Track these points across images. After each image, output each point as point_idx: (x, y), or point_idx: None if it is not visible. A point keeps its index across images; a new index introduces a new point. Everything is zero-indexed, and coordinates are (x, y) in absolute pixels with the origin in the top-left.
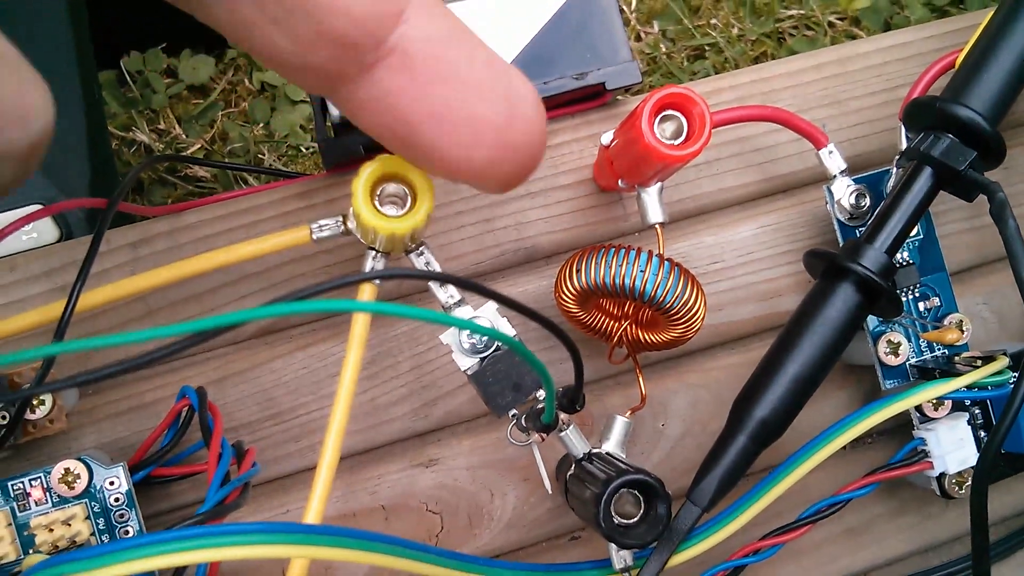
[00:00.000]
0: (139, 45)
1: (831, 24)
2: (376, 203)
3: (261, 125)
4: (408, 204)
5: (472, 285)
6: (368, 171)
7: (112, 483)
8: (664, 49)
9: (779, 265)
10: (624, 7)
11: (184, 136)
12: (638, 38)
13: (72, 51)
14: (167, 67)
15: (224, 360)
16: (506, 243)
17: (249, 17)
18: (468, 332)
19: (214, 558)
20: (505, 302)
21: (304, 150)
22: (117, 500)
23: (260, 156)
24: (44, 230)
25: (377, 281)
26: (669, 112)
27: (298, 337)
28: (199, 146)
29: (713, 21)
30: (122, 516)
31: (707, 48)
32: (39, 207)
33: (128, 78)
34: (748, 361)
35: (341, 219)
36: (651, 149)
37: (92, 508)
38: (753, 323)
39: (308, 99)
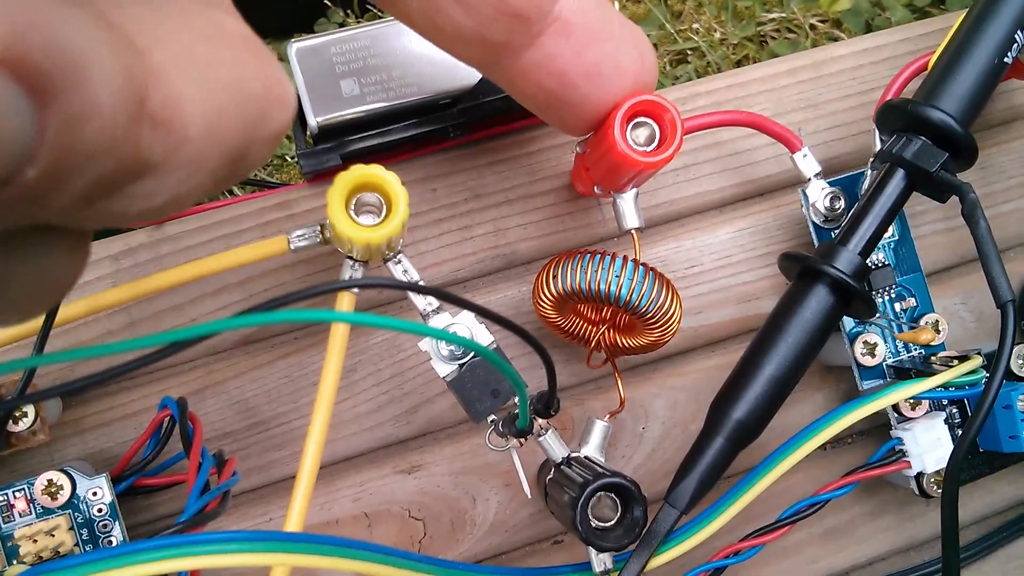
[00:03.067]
0: None
1: (812, 27)
2: (352, 213)
3: None
4: (384, 213)
5: (444, 294)
6: (343, 181)
7: (95, 493)
8: None
9: (756, 268)
10: (613, 6)
11: None
12: None
13: None
14: None
15: (206, 370)
16: (485, 250)
17: (439, 1)
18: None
19: (194, 566)
20: (476, 309)
21: (290, 159)
22: (100, 510)
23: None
24: None
25: (355, 290)
26: (641, 119)
27: (279, 346)
28: None
29: (695, 26)
30: (105, 526)
31: (689, 52)
32: None
33: None
34: (727, 363)
35: (319, 228)
36: (624, 156)
37: (75, 519)
38: (731, 325)
39: None
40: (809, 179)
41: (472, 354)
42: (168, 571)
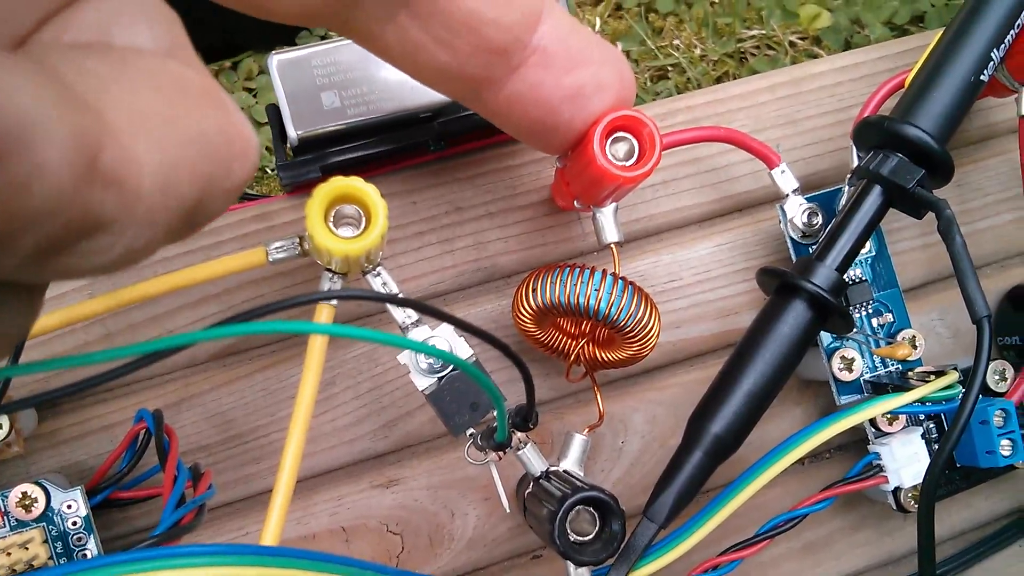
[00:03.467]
0: None
1: (792, 44)
2: (331, 225)
3: None
4: (363, 225)
5: (423, 307)
6: (322, 193)
7: (70, 506)
8: None
9: (735, 283)
10: (589, 28)
11: None
12: None
13: None
14: None
15: (183, 383)
16: (465, 263)
17: (416, 39)
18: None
19: None
20: (454, 322)
21: (270, 172)
22: (75, 523)
23: None
24: None
25: (334, 302)
26: (620, 134)
27: (257, 359)
28: None
29: (676, 42)
30: (80, 539)
31: (670, 68)
32: None
33: None
34: (706, 378)
35: (298, 240)
36: (603, 171)
37: (50, 531)
38: (710, 340)
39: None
40: (787, 195)
41: (451, 367)
42: None
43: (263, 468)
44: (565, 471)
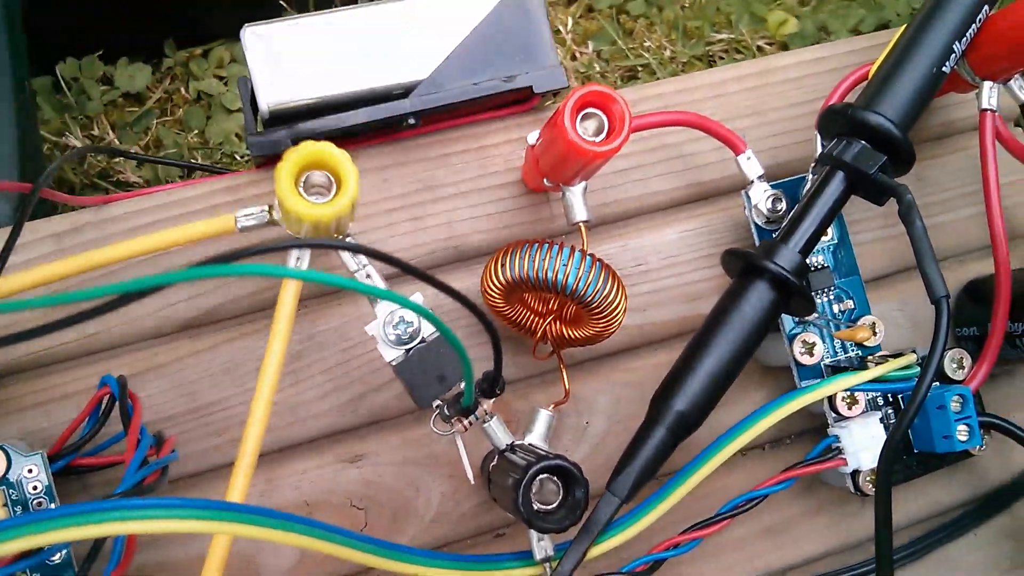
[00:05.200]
0: (75, 52)
1: (760, 48)
2: (301, 191)
3: (196, 133)
4: (333, 192)
5: (395, 261)
6: (293, 157)
7: (31, 471)
8: (598, 69)
9: (701, 268)
10: (560, 27)
11: (118, 142)
12: (573, 57)
13: (4, 47)
14: (103, 75)
15: (148, 352)
16: (436, 241)
17: None
18: (393, 324)
19: (134, 530)
20: (428, 280)
21: (239, 157)
22: (35, 488)
23: (194, 162)
24: None
25: (301, 276)
26: (591, 110)
27: (223, 331)
28: (133, 152)
29: (646, 43)
30: (40, 504)
31: (640, 69)
32: None
33: (63, 84)
34: (671, 361)
35: (267, 208)
36: (573, 145)
37: (10, 496)
38: (676, 324)
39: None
40: (752, 181)
41: (419, 339)
42: (106, 534)
43: (225, 440)
44: (530, 444)
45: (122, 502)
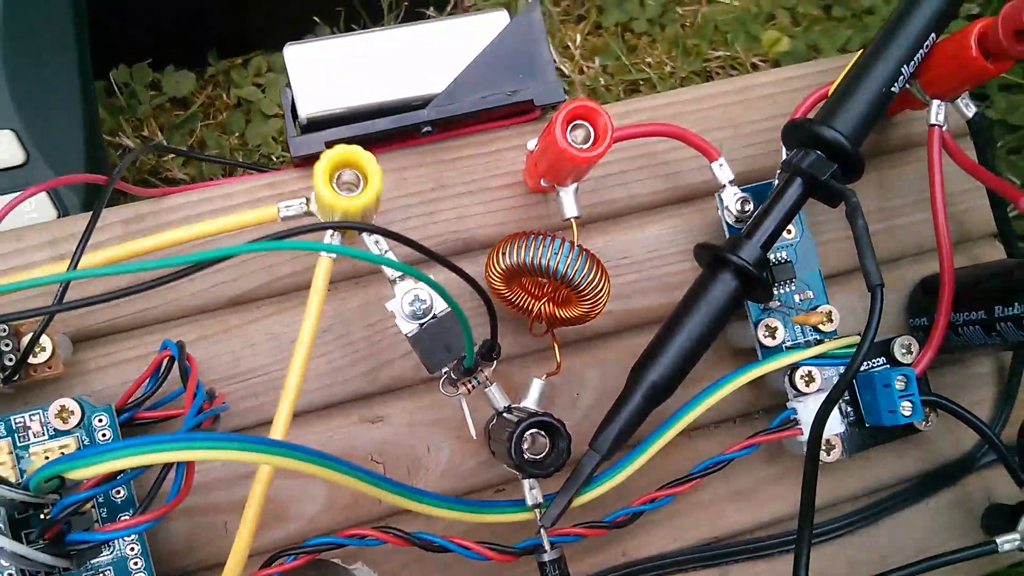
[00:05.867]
0: (127, 59)
1: (754, 65)
2: (335, 186)
3: (237, 135)
4: (360, 188)
5: (413, 243)
6: (329, 157)
7: (100, 420)
8: (603, 82)
9: (680, 261)
10: (570, 43)
11: (166, 143)
12: (581, 71)
13: (74, 51)
14: (152, 80)
15: (199, 324)
16: (447, 233)
17: None
18: (410, 300)
19: (193, 458)
20: (436, 258)
21: (275, 159)
22: (104, 436)
23: (238, 161)
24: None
25: (333, 256)
26: (579, 122)
27: (263, 307)
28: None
29: (648, 59)
30: None
31: (641, 83)
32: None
33: (116, 89)
34: None
35: (304, 201)
36: (564, 151)
37: (83, 441)
38: (656, 310)
39: (280, 113)
40: (724, 185)
41: (431, 315)
42: (170, 461)
43: (265, 401)
44: (524, 407)
45: (188, 435)
